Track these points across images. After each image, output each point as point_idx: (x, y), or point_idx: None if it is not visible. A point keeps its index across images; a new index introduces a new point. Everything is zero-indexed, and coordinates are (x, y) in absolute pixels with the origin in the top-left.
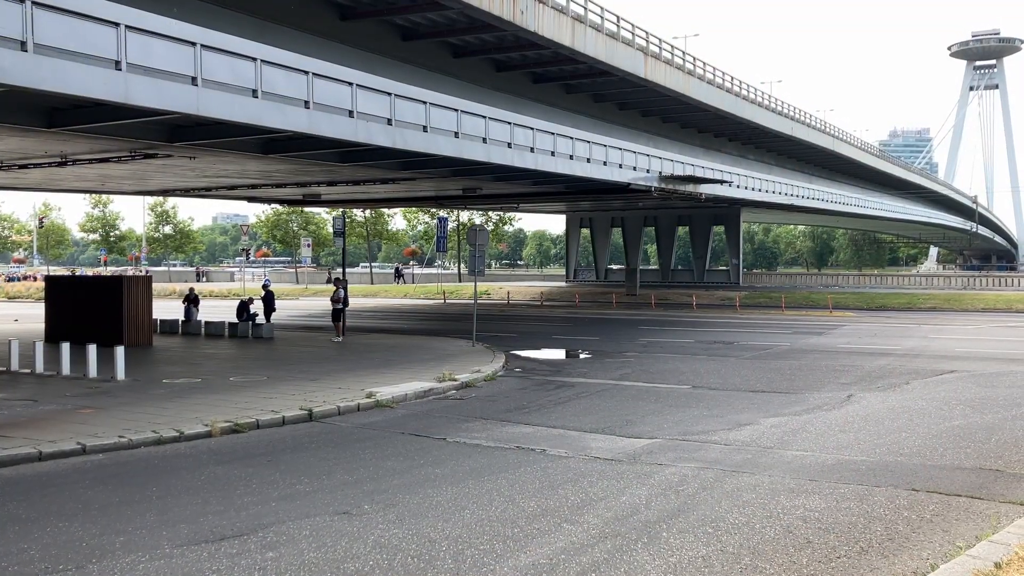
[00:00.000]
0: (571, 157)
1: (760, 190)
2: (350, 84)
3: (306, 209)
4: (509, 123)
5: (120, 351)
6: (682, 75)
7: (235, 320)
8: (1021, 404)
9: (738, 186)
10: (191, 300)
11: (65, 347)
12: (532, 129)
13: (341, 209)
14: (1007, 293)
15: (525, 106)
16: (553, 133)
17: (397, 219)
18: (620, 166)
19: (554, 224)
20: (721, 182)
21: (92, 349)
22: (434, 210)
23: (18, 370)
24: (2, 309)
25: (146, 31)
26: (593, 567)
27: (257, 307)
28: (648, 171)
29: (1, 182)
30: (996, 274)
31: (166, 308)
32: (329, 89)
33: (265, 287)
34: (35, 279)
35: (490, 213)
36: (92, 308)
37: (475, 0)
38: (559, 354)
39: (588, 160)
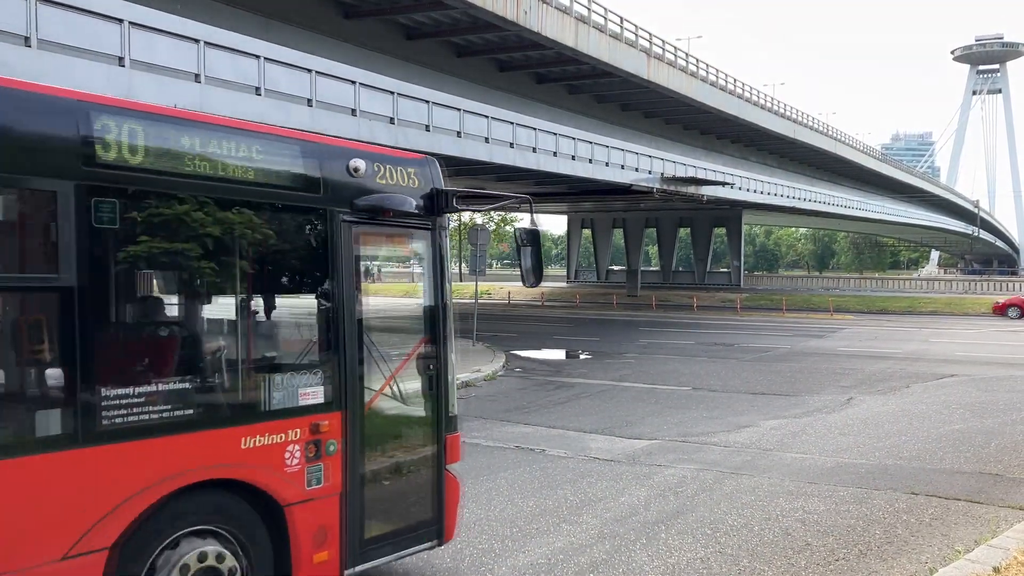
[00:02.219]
0: (573, 158)
1: (761, 192)
2: (353, 83)
3: None
4: (512, 123)
5: None
6: (685, 77)
7: None
8: (1021, 408)
9: (740, 188)
10: None
11: None
12: (535, 129)
13: None
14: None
15: (528, 106)
16: (556, 133)
17: None
18: (622, 167)
19: (555, 225)
20: (723, 184)
21: None
22: None
23: None
24: None
25: (150, 28)
26: (592, 567)
27: None
28: (650, 172)
29: None
30: (997, 278)
31: None
32: (332, 87)
33: None
34: None
35: (491, 213)
36: None
37: (479, 0)
38: (559, 354)
39: (590, 161)
